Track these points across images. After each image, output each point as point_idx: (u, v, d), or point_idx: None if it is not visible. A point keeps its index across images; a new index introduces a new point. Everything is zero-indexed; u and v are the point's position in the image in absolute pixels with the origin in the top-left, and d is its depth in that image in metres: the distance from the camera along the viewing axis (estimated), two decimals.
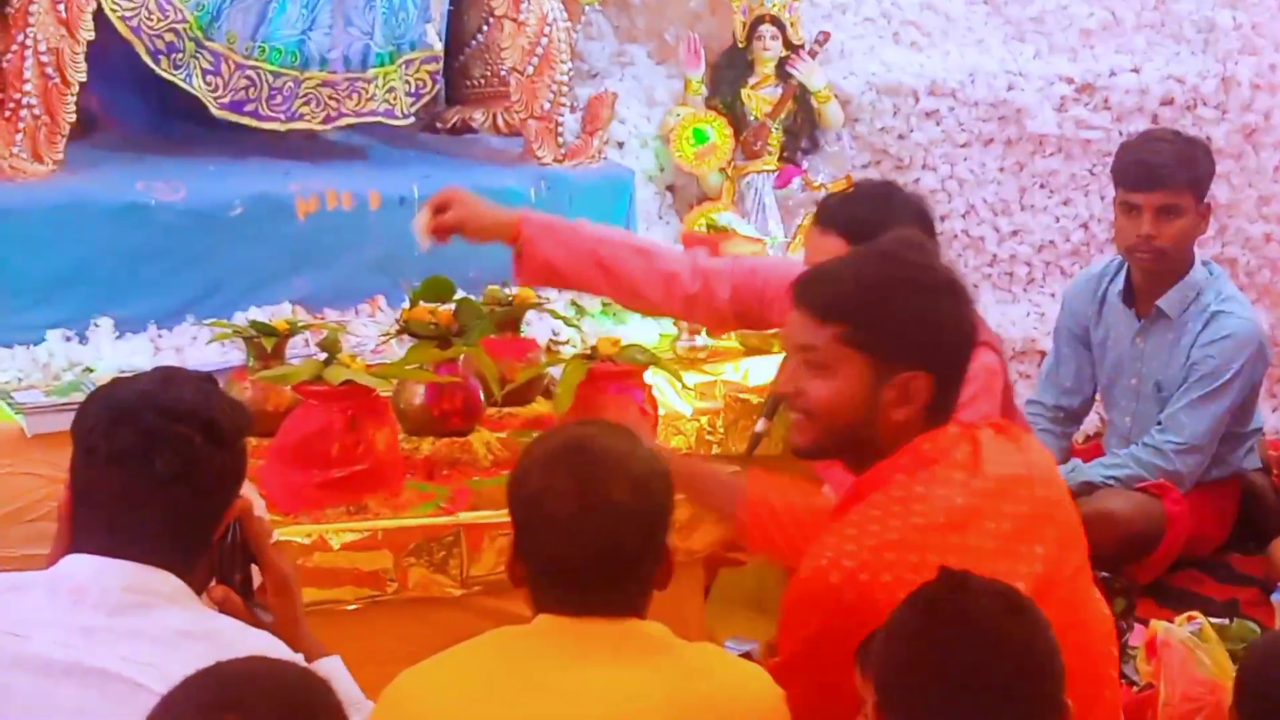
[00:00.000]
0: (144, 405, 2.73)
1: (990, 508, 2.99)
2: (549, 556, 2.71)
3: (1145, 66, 5.91)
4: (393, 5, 4.87)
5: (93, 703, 2.40)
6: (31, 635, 2.56)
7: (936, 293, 3.15)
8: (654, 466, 2.78)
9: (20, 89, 4.60)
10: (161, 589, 2.64)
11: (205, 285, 4.66)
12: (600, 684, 2.64)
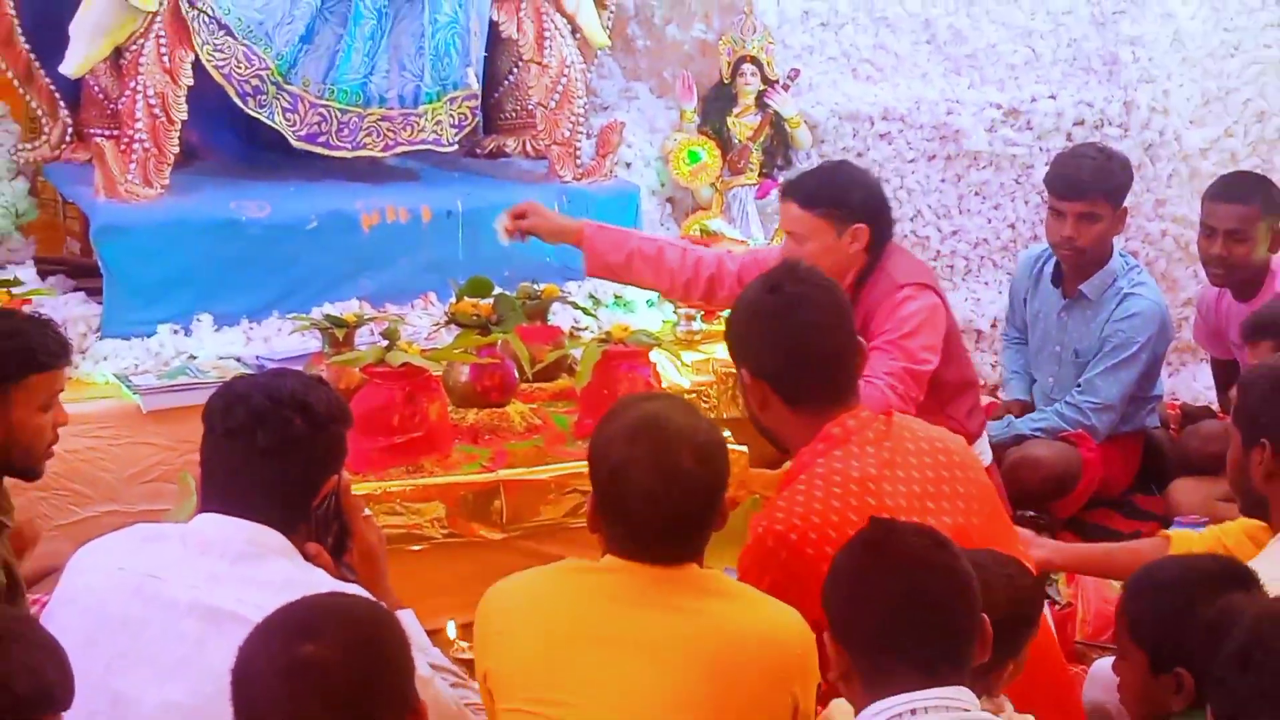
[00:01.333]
0: (254, 391, 2.78)
1: (898, 474, 3.04)
2: (627, 517, 2.70)
3: (1060, 94, 5.91)
4: (439, 52, 4.87)
5: (211, 636, 2.44)
6: (166, 578, 2.60)
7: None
8: (714, 436, 2.80)
9: (133, 126, 4.62)
10: (271, 544, 2.67)
11: (287, 286, 4.67)
12: (656, 621, 2.67)
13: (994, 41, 5.91)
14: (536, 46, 5.03)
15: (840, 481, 2.99)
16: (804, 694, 2.70)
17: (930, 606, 2.42)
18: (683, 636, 2.64)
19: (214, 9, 4.63)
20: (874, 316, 4.13)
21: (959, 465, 3.15)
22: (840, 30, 5.84)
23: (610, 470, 2.73)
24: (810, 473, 3.05)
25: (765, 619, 2.71)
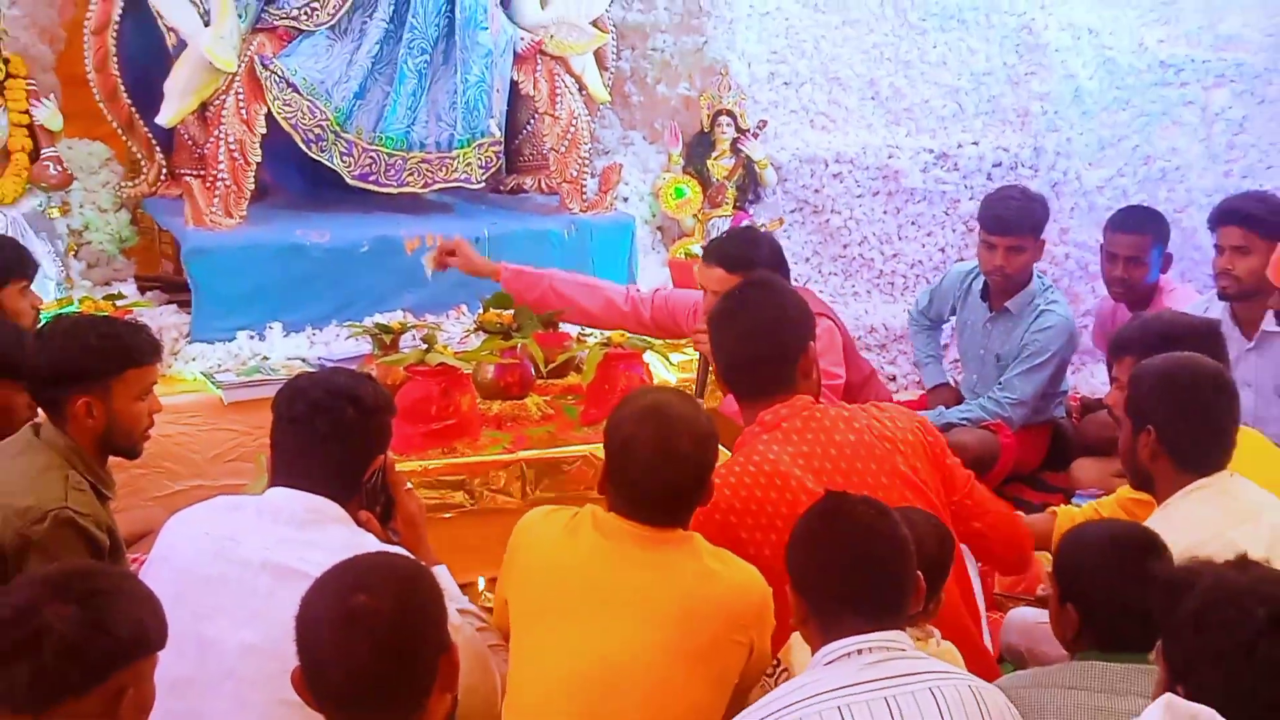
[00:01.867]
0: (314, 385, 2.80)
1: (813, 460, 3.07)
2: (629, 484, 2.76)
3: (982, 141, 5.90)
4: (469, 106, 4.87)
5: (280, 590, 2.44)
6: (243, 541, 2.61)
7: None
8: (709, 426, 2.83)
9: (216, 167, 4.63)
10: (329, 512, 2.68)
11: (343, 299, 4.67)
12: (642, 574, 2.70)
13: (927, 97, 5.90)
14: (550, 102, 5.03)
15: (757, 462, 3.06)
16: (759, 638, 2.76)
17: (874, 565, 2.43)
18: (662, 587, 2.68)
19: (283, 70, 4.63)
20: None
21: (883, 445, 3.15)
22: (800, 88, 5.83)
23: (620, 444, 2.77)
24: (741, 452, 3.12)
25: (730, 576, 2.76)
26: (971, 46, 5.86)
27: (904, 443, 3.17)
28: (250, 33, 4.68)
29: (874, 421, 3.18)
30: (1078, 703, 2.49)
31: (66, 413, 3.15)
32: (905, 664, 2.37)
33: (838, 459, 3.09)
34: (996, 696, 2.40)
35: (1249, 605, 2.03)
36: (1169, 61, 5.96)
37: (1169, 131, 6.02)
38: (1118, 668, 2.53)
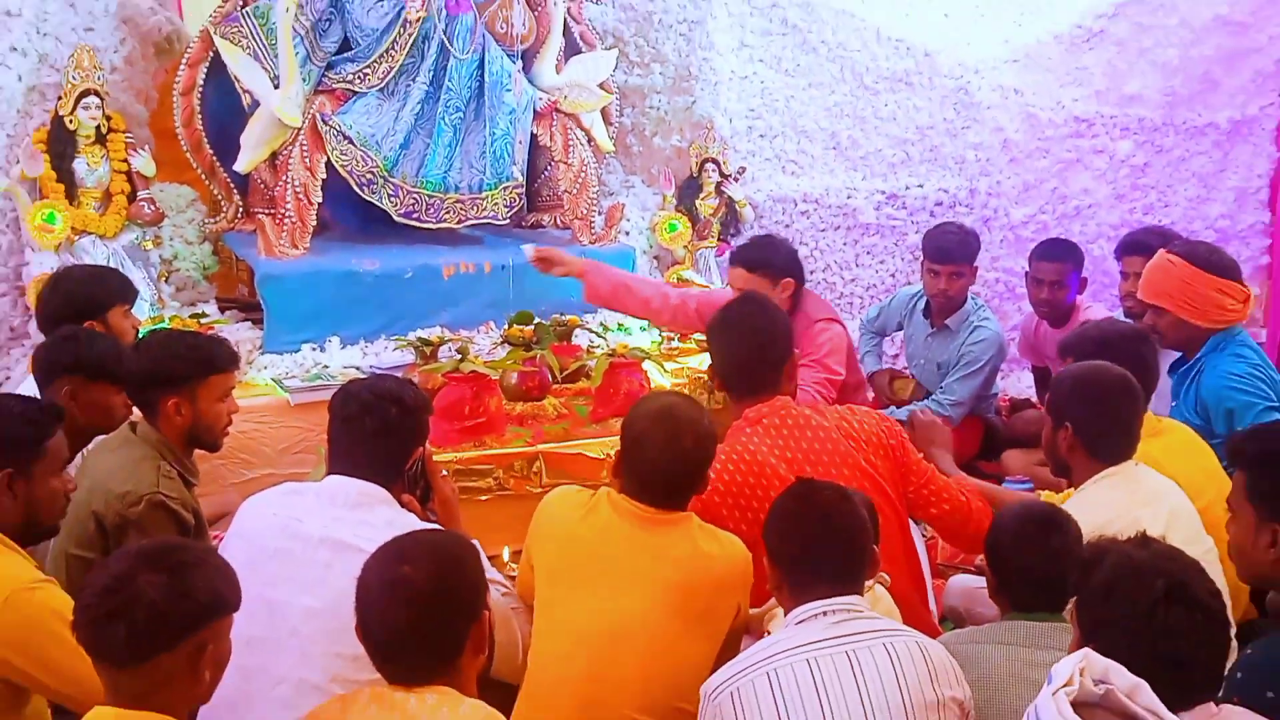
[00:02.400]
0: (363, 389, 2.81)
1: (786, 451, 3.09)
2: (639, 474, 2.80)
3: (926, 183, 5.91)
4: (496, 155, 4.87)
5: (336, 561, 2.45)
6: (305, 520, 2.62)
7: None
8: (710, 428, 2.85)
9: (284, 206, 4.63)
10: (377, 496, 2.68)
11: (390, 317, 4.63)
12: (647, 547, 2.73)
13: (879, 147, 5.89)
14: (564, 151, 5.02)
15: (740, 453, 3.09)
16: (744, 600, 2.80)
17: (838, 541, 2.44)
18: (663, 558, 2.70)
19: (340, 125, 4.63)
20: (800, 343, 4.18)
21: (831, 449, 3.14)
22: (773, 140, 5.82)
23: (633, 439, 2.81)
24: (727, 442, 3.13)
25: (720, 550, 2.78)
26: (916, 105, 5.85)
27: (867, 441, 3.19)
28: (312, 94, 4.68)
29: (843, 421, 3.21)
30: (1006, 655, 2.50)
31: (159, 411, 3.17)
32: (863, 623, 2.38)
33: (808, 451, 3.11)
34: (939, 650, 2.40)
35: (1149, 578, 2.04)
36: (1081, 117, 5.97)
37: (1081, 176, 6.03)
38: (1038, 625, 2.54)
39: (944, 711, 2.32)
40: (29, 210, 4.56)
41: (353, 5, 4.73)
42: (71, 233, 4.58)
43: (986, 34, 5.97)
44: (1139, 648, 1.95)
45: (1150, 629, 1.97)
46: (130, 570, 2.08)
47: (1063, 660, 1.67)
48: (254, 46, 4.64)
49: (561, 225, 5.18)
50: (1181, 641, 1.97)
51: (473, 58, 4.80)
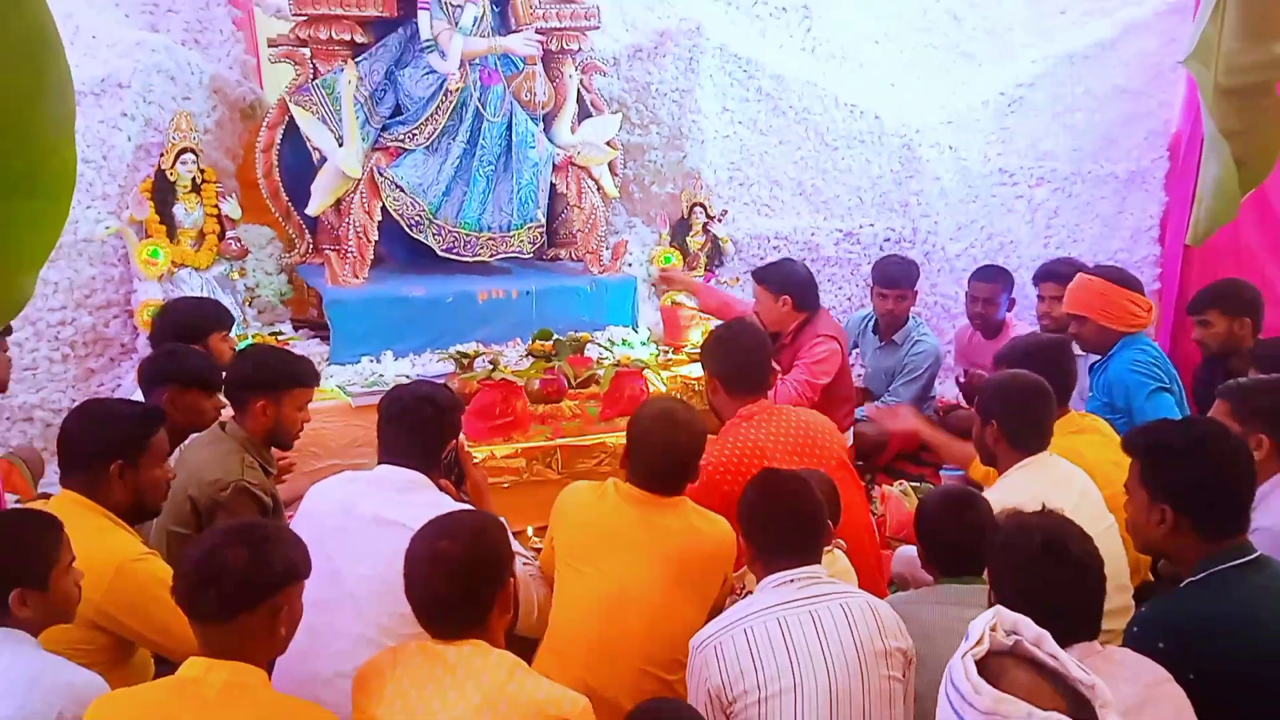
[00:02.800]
0: (404, 394, 2.82)
1: (777, 441, 3.08)
2: (643, 464, 2.82)
3: (876, 223, 5.90)
4: (521, 201, 4.86)
5: (385, 536, 2.45)
6: (359, 502, 2.62)
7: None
8: (702, 428, 2.88)
9: (347, 243, 4.61)
10: (420, 481, 2.69)
11: (434, 334, 4.60)
12: (650, 526, 2.76)
13: (838, 193, 5.89)
14: (577, 197, 5.02)
15: (736, 444, 3.10)
16: (729, 572, 2.77)
17: (799, 521, 2.44)
18: (663, 536, 2.70)
19: (393, 177, 4.63)
20: (801, 350, 4.36)
21: (818, 434, 3.17)
22: (750, 187, 5.81)
23: (638, 435, 2.83)
24: (728, 435, 3.11)
25: (710, 529, 2.78)
26: (868, 159, 5.84)
27: (832, 431, 3.25)
28: (370, 151, 4.68)
29: (814, 417, 3.23)
30: (940, 613, 2.51)
31: (248, 410, 3.20)
32: (823, 587, 2.39)
33: (795, 438, 3.17)
34: (885, 608, 2.41)
35: (1031, 535, 2.12)
36: (1005, 169, 5.96)
37: (1005, 217, 6.02)
38: (964, 587, 2.56)
39: (890, 659, 2.33)
40: (137, 247, 4.58)
41: (403, 78, 4.75)
42: (171, 266, 4.61)
43: (926, 101, 5.96)
44: (1025, 593, 1.99)
45: (1032, 577, 2.01)
46: (219, 545, 2.09)
47: (977, 619, 1.68)
48: (322, 112, 4.64)
49: (575, 258, 5.18)
50: (1059, 588, 2.01)
51: (502, 120, 4.80)
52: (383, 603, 2.42)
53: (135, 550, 2.57)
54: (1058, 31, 6.08)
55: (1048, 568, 2.04)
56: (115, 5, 5.06)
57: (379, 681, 2.17)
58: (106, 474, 2.62)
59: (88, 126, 4.56)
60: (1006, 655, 1.58)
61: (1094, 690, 1.55)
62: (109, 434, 2.64)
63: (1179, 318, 4.90)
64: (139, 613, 2.48)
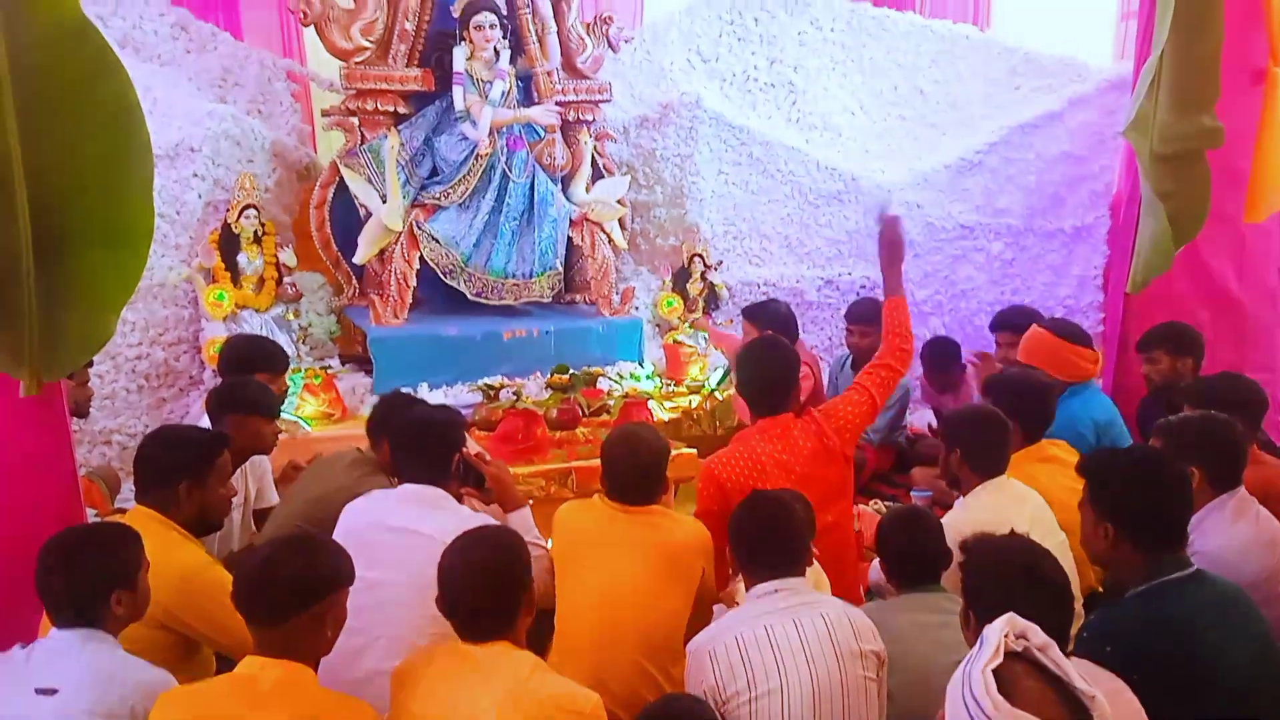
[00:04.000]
0: (409, 420, 2.88)
1: (780, 455, 3.03)
2: (612, 478, 2.78)
3: (854, 271, 5.88)
4: (542, 251, 4.87)
5: (411, 546, 2.44)
6: (388, 518, 2.60)
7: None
8: (661, 445, 2.83)
9: (389, 289, 4.64)
10: (439, 495, 2.69)
11: (465, 368, 4.60)
12: (629, 532, 2.71)
13: (819, 245, 5.89)
14: (591, 249, 5.04)
15: (743, 454, 3.02)
16: (707, 566, 2.75)
17: (781, 538, 2.41)
18: (642, 538, 2.70)
19: (430, 230, 4.66)
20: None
21: (821, 463, 3.09)
22: (742, 240, 5.82)
23: (606, 455, 2.81)
24: (738, 444, 3.07)
25: (683, 528, 2.77)
26: (846, 215, 5.85)
27: (839, 454, 3.12)
28: (410, 207, 4.70)
29: (825, 436, 3.11)
30: (908, 620, 2.49)
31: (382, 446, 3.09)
32: (804, 597, 2.36)
33: (794, 455, 3.02)
34: (859, 615, 2.38)
35: (1011, 560, 2.09)
36: (965, 224, 5.95)
37: (966, 267, 6.01)
38: (927, 596, 2.54)
39: (865, 661, 2.30)
40: (205, 291, 4.59)
41: (440, 144, 4.78)
42: (235, 307, 4.62)
43: (896, 164, 5.97)
44: (1004, 611, 1.95)
45: (1011, 598, 1.98)
46: (273, 555, 2.08)
47: (991, 627, 1.64)
48: (368, 173, 4.67)
49: (589, 302, 5.19)
50: (1033, 608, 1.98)
51: (526, 181, 4.82)
52: (415, 608, 2.40)
53: (201, 560, 2.56)
54: (1011, 105, 6.10)
55: (1026, 591, 2.01)
56: (189, 79, 5.11)
57: (414, 678, 2.15)
58: (176, 492, 2.61)
59: (163, 186, 4.59)
60: (1017, 661, 1.56)
61: (1094, 701, 1.53)
62: (179, 457, 2.63)
63: (1121, 356, 4.87)
64: (202, 615, 2.46)
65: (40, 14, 2.35)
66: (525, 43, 4.85)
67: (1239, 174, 4.44)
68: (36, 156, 2.34)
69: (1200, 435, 2.84)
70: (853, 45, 6.13)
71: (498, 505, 2.95)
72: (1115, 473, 2.45)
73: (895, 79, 6.17)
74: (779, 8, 6.00)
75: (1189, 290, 4.72)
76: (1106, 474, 2.47)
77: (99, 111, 2.43)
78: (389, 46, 4.67)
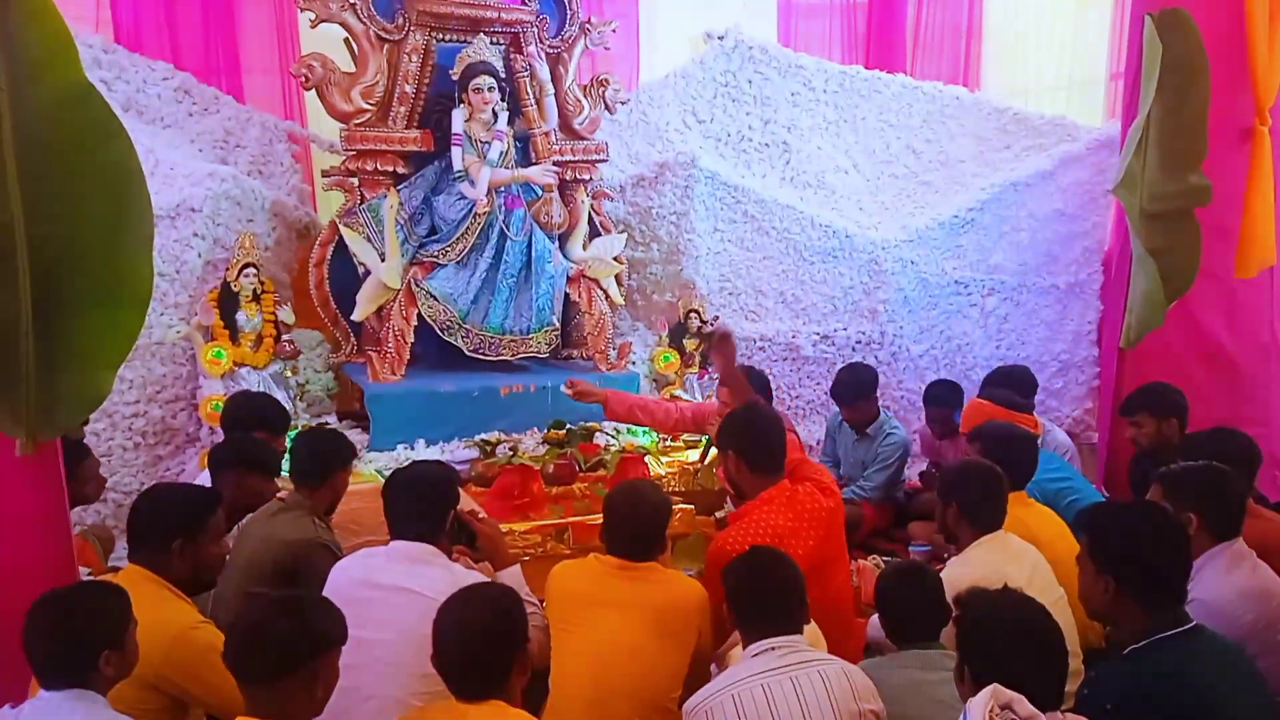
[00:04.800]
0: (404, 476, 2.84)
1: (790, 520, 3.00)
2: (614, 533, 2.77)
3: (850, 327, 5.89)
4: (539, 308, 4.88)
5: (408, 607, 2.42)
6: (378, 575, 2.60)
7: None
8: (663, 499, 2.85)
9: (386, 345, 4.63)
10: (430, 552, 2.69)
11: (461, 424, 4.58)
12: (625, 589, 2.69)
13: (815, 301, 5.91)
14: (588, 305, 5.05)
15: (754, 524, 2.99)
16: (703, 625, 2.72)
17: (777, 593, 2.40)
18: (638, 596, 2.68)
19: (428, 288, 4.67)
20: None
21: (825, 516, 3.08)
22: (738, 296, 5.85)
23: (609, 508, 2.80)
24: (749, 516, 3.03)
25: (680, 586, 2.75)
26: (840, 271, 5.88)
27: (834, 513, 3.12)
28: (408, 265, 4.72)
29: (820, 500, 3.11)
30: (906, 676, 2.47)
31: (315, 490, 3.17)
32: (801, 654, 2.33)
33: (803, 518, 3.00)
34: (858, 673, 2.35)
35: (1007, 617, 2.05)
36: (960, 280, 5.99)
37: (961, 323, 6.04)
38: (925, 653, 2.52)
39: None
40: (203, 349, 4.60)
41: (438, 203, 4.81)
42: (233, 365, 4.62)
43: (890, 222, 6.02)
44: (999, 669, 1.93)
45: (1005, 653, 1.96)
46: (265, 614, 2.06)
47: (975, 699, 1.62)
48: (367, 232, 4.69)
49: (586, 357, 5.19)
50: (1027, 664, 1.97)
51: (523, 239, 4.84)
52: (406, 666, 2.38)
53: (192, 619, 2.54)
54: (1003, 163, 6.17)
55: (1020, 646, 2.00)
56: (191, 141, 5.17)
57: None
58: (169, 550, 2.60)
59: (164, 245, 4.63)
60: None
61: None
62: (171, 515, 2.63)
63: (1115, 413, 4.87)
64: (193, 675, 2.44)
65: (46, 81, 2.40)
66: (523, 104, 4.91)
67: (1228, 230, 4.48)
68: (40, 222, 2.39)
69: (1201, 484, 2.84)
70: (845, 105, 6.22)
71: (488, 563, 2.93)
72: (1117, 526, 2.44)
73: (888, 138, 6.25)
74: (772, 70, 6.10)
75: (1181, 346, 4.73)
76: (1108, 527, 2.46)
77: (101, 176, 2.48)
78: (389, 108, 4.72)
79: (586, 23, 5.14)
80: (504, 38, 4.91)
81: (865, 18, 7.20)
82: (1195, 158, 4.15)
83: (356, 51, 4.73)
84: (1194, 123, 4.11)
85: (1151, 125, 4.03)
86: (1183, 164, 4.14)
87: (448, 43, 4.82)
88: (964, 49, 7.22)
